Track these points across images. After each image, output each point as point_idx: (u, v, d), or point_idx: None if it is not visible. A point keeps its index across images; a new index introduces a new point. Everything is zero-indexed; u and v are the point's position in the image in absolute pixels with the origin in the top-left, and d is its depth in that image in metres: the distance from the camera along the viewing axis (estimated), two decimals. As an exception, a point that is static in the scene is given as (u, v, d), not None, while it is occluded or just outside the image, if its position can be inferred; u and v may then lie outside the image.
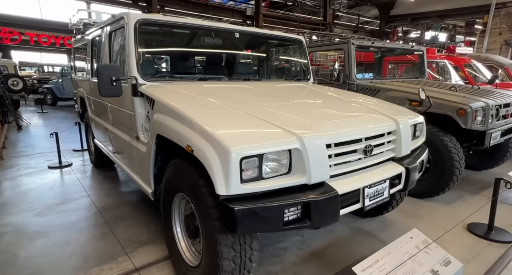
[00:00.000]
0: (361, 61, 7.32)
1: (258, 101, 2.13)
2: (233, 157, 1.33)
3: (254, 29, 2.96)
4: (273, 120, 1.69)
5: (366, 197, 1.84)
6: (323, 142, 1.63)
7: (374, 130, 1.97)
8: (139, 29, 2.25)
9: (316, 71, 6.52)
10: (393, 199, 2.71)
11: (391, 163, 2.14)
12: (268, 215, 1.43)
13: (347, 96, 2.67)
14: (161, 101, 1.87)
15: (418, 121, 2.42)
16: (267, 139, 1.49)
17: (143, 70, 2.23)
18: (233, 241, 1.52)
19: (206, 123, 1.52)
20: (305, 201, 1.54)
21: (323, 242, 2.51)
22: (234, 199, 1.39)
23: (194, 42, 2.70)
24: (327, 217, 1.61)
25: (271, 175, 1.53)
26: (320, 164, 1.61)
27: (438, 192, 3.33)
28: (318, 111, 2.09)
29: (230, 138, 1.40)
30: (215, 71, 2.82)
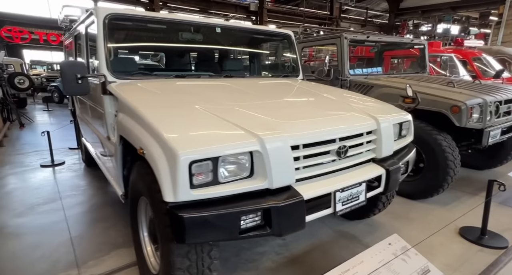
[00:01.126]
0: (362, 57, 7.13)
1: (231, 99, 2.03)
2: (180, 161, 1.24)
3: (236, 24, 2.86)
4: (239, 121, 1.59)
5: (338, 202, 1.73)
6: (287, 144, 1.53)
7: (350, 130, 1.85)
8: (109, 24, 2.17)
9: (317, 68, 6.36)
10: (378, 202, 2.58)
11: (371, 164, 2.02)
12: (222, 223, 1.34)
13: (331, 93, 2.55)
14: (123, 99, 1.79)
15: (404, 119, 2.29)
16: (223, 141, 1.39)
17: (113, 67, 2.15)
18: (187, 250, 1.44)
19: (160, 124, 1.43)
20: (265, 207, 1.44)
21: (304, 246, 2.41)
22: (184, 206, 1.30)
23: (171, 38, 2.61)
24: (291, 224, 1.51)
25: (230, 179, 1.43)
26: (284, 167, 1.51)
27: (431, 193, 3.18)
28: (293, 110, 1.98)
29: (180, 141, 1.31)
30: (195, 68, 2.73)
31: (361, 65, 6.34)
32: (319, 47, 7.33)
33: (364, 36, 3.96)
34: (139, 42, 2.48)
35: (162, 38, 2.60)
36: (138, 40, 2.48)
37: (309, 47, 4.64)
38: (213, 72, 2.75)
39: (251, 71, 3.02)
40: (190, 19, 2.57)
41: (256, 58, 3.19)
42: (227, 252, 2.31)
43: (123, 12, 2.27)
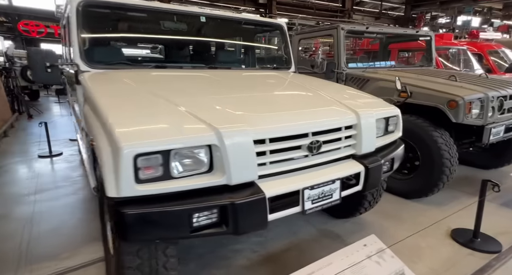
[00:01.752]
0: (367, 50, 6.89)
1: (204, 91, 1.94)
2: (123, 153, 1.17)
3: (222, 13, 2.76)
4: (203, 113, 1.50)
5: (307, 200, 1.63)
6: (249, 138, 1.44)
7: (325, 124, 1.74)
8: (83, 12, 2.11)
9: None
10: (364, 200, 2.47)
11: (350, 161, 1.91)
12: (170, 221, 1.27)
13: (318, 86, 2.42)
14: (87, 89, 1.74)
15: (391, 114, 2.16)
16: (177, 134, 1.31)
17: (87, 57, 2.10)
18: (138, 248, 1.38)
19: (111, 114, 1.36)
20: (221, 205, 1.37)
21: (282, 245, 2.34)
22: (131, 202, 1.23)
23: (152, 27, 2.54)
24: (249, 223, 1.43)
25: (185, 174, 1.36)
26: (244, 163, 1.42)
27: (426, 193, 3.03)
28: (268, 102, 1.88)
29: (127, 132, 1.24)
30: (178, 59, 2.65)
31: (366, 59, 6.13)
32: (324, 39, 7.10)
33: (363, 27, 3.78)
34: (117, 31, 2.42)
35: (142, 27, 2.53)
36: (116, 29, 2.42)
37: (311, 40, 4.48)
38: (197, 63, 2.68)
39: (238, 62, 2.92)
40: (172, 7, 2.48)
41: (245, 49, 3.09)
42: (202, 248, 2.26)
43: (97, 0, 2.21)
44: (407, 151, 3.10)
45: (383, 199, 3.05)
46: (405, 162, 3.15)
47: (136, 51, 2.43)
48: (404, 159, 3.09)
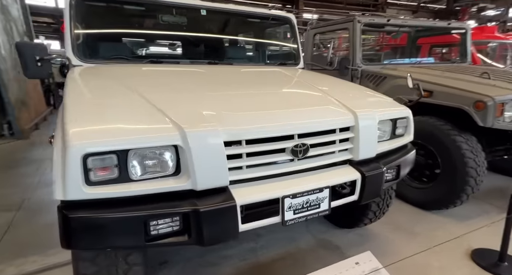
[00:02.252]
0: (395, 45, 6.42)
1: (189, 87, 1.81)
2: (70, 152, 1.08)
3: (224, 6, 2.62)
4: (175, 111, 1.36)
5: (289, 210, 1.46)
6: (218, 139, 1.29)
7: (314, 126, 1.55)
8: (76, 4, 2.09)
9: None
10: (368, 210, 2.23)
11: (346, 167, 1.71)
12: (122, 228, 1.16)
13: (320, 83, 2.20)
14: (66, 85, 1.69)
15: (399, 115, 1.91)
16: (137, 133, 1.21)
17: (78, 51, 2.08)
18: (95, 254, 1.30)
19: (71, 111, 1.29)
20: (183, 212, 1.24)
21: (275, 253, 2.17)
22: (82, 206, 1.14)
23: (149, 21, 2.47)
24: (216, 233, 1.30)
25: (147, 177, 1.25)
26: (212, 166, 1.29)
27: (446, 205, 2.69)
28: (256, 100, 1.71)
29: (80, 131, 1.15)
30: (175, 54, 2.57)
31: (391, 55, 5.71)
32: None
33: (383, 19, 3.45)
34: (111, 25, 2.37)
35: (138, 20, 2.47)
36: (110, 23, 2.37)
37: (334, 34, 4.18)
38: (197, 58, 2.57)
39: (241, 58, 2.78)
40: (169, 0, 2.39)
41: (249, 44, 2.93)
42: (190, 252, 2.16)
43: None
44: (426, 157, 2.79)
45: (396, 208, 2.78)
46: (423, 169, 2.84)
47: (132, 45, 2.37)
48: (422, 166, 2.82)
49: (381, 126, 1.86)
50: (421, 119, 2.76)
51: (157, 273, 1.96)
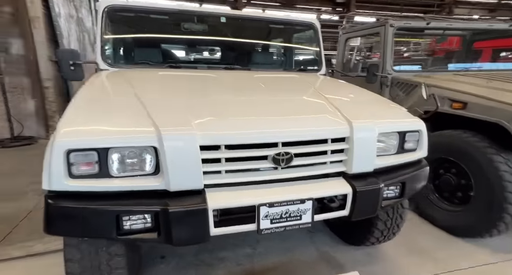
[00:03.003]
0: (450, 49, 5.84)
1: (190, 92, 1.86)
2: (55, 147, 1.21)
3: (244, 13, 2.68)
4: (161, 114, 1.40)
5: (265, 218, 1.44)
6: (194, 143, 1.33)
7: (299, 135, 1.51)
8: (108, 15, 2.31)
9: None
10: (373, 228, 2.06)
11: (338, 180, 1.62)
12: (96, 220, 1.26)
13: (331, 91, 2.12)
14: (82, 87, 1.88)
15: (408, 128, 1.75)
16: (118, 133, 1.30)
17: (107, 56, 2.30)
18: (79, 242, 1.42)
19: (69, 110, 1.44)
20: (153, 210, 1.31)
21: (271, 262, 2.13)
22: (64, 196, 1.26)
23: (174, 28, 2.62)
24: (185, 234, 1.33)
25: (126, 174, 1.34)
26: (186, 168, 1.33)
27: (480, 233, 2.36)
28: (246, 106, 1.68)
29: (68, 128, 1.28)
30: (196, 59, 2.69)
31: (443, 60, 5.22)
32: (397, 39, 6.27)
33: (421, 22, 3.17)
34: (140, 32, 2.58)
35: (164, 28, 2.64)
36: (138, 30, 2.58)
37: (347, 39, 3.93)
38: (214, 63, 2.66)
39: (259, 63, 2.79)
40: (190, 9, 2.52)
41: (268, 50, 2.93)
42: (188, 249, 2.24)
43: (122, 4, 2.38)
44: (459, 176, 2.49)
45: (420, 230, 2.56)
46: (455, 189, 2.54)
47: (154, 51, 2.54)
48: (454, 186, 2.52)
49: (385, 138, 1.73)
50: (452, 133, 2.48)
51: (157, 266, 2.06)
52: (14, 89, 5.68)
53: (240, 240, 2.35)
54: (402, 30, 3.14)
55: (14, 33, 5.48)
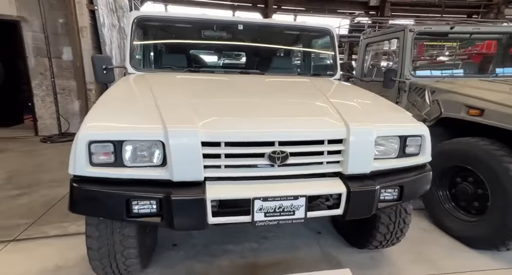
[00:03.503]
0: (486, 54, 5.54)
1: (203, 93, 2.02)
2: (79, 139, 1.43)
3: (260, 20, 2.84)
4: (171, 113, 1.58)
5: (259, 211, 1.55)
6: (195, 139, 1.48)
7: (295, 135, 1.61)
8: (137, 24, 2.58)
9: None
10: (375, 231, 2.07)
11: (334, 180, 1.69)
12: (109, 203, 1.46)
13: (336, 95, 2.20)
14: (110, 88, 2.14)
15: (409, 132, 1.77)
16: (130, 129, 1.50)
17: (134, 61, 2.57)
18: (98, 222, 1.64)
19: (96, 107, 1.67)
20: (157, 197, 1.48)
21: (274, 257, 2.23)
22: (87, 181, 1.47)
23: (195, 36, 2.83)
24: (185, 220, 1.49)
25: (137, 165, 1.53)
26: (188, 162, 1.49)
27: (496, 245, 2.26)
28: (250, 107, 1.80)
29: (92, 123, 1.50)
30: (215, 63, 2.88)
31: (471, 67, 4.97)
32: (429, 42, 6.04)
33: (444, 27, 3.09)
34: (163, 39, 2.82)
35: (184, 36, 2.87)
36: (162, 38, 2.83)
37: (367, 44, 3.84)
38: (231, 68, 2.83)
39: (275, 68, 2.91)
40: (213, 18, 2.72)
41: (283, 55, 3.03)
42: (198, 240, 2.40)
43: (149, 14, 2.65)
44: (475, 186, 2.42)
45: (432, 239, 2.52)
46: (472, 199, 2.46)
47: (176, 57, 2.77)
48: (470, 196, 2.45)
49: (385, 142, 1.77)
50: (469, 140, 2.41)
51: (168, 252, 2.25)
52: (62, 91, 6.34)
53: (248, 236, 2.47)
54: (422, 35, 3.09)
55: (65, 42, 6.13)
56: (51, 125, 6.34)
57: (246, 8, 12.37)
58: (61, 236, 2.45)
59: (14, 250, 2.27)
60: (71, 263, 2.09)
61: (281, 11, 12.43)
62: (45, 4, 5.84)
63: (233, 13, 12.97)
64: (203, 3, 12.84)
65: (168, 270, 2.07)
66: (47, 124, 6.37)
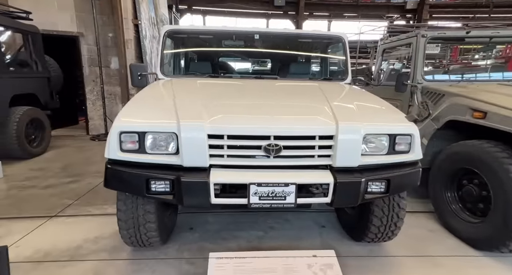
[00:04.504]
0: None
1: (215, 95, 2.31)
2: (113, 129, 1.82)
3: (273, 30, 3.11)
4: (185, 112, 1.88)
5: (254, 195, 1.81)
6: (202, 132, 1.79)
7: (288, 131, 1.85)
8: (167, 36, 3.01)
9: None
10: (369, 224, 2.21)
11: (324, 171, 1.90)
12: (132, 181, 1.82)
13: (336, 97, 2.40)
14: (141, 90, 2.54)
15: (398, 131, 1.93)
16: (152, 122, 1.85)
17: (163, 68, 2.99)
18: (125, 197, 2.01)
19: (127, 106, 2.06)
20: (169, 178, 1.80)
21: (277, 244, 2.45)
22: (118, 163, 1.86)
23: (217, 45, 3.20)
24: (192, 199, 1.79)
25: (156, 152, 1.86)
26: (196, 151, 1.80)
27: (497, 246, 2.27)
28: (254, 108, 2.06)
29: (124, 118, 1.88)
30: (233, 70, 3.21)
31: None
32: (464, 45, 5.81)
33: (459, 32, 3.12)
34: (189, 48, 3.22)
35: (209, 45, 3.24)
36: (188, 47, 3.22)
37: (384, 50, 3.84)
38: (247, 73, 3.14)
39: (287, 73, 3.17)
40: (231, 29, 3.07)
41: (297, 61, 3.26)
42: (213, 226, 2.71)
43: (177, 28, 3.06)
44: (480, 187, 2.45)
45: (435, 238, 2.58)
46: (477, 201, 2.49)
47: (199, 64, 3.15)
48: (475, 197, 2.48)
49: (375, 139, 1.94)
50: (474, 143, 2.45)
51: (184, 234, 2.59)
52: (109, 96, 7.14)
53: (256, 226, 2.73)
54: (436, 39, 3.14)
55: (113, 53, 6.93)
56: (99, 126, 7.16)
57: (278, 16, 12.74)
58: (101, 215, 2.92)
59: (65, 222, 2.77)
60: (106, 236, 2.52)
61: (313, 17, 12.59)
62: (99, 21, 6.68)
63: (267, 22, 13.41)
64: (239, 13, 13.45)
65: (184, 246, 2.40)
66: (96, 124, 7.21)
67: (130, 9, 6.83)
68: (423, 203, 3.26)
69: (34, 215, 2.91)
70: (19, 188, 3.63)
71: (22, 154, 4.75)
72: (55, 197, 3.35)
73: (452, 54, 6.45)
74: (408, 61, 4.13)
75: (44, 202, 3.20)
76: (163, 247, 2.38)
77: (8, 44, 4.89)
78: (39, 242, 2.43)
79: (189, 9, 13.38)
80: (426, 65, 5.08)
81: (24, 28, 5.04)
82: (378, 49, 3.95)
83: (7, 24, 4.76)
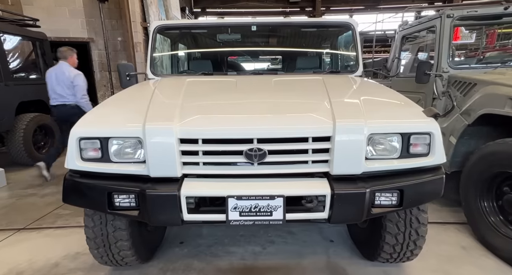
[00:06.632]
0: None
1: (201, 94, 2.04)
2: (70, 135, 1.57)
3: (272, 21, 2.78)
4: (156, 112, 1.63)
5: (234, 210, 1.50)
6: (171, 136, 1.51)
7: (274, 132, 1.52)
8: (157, 32, 2.77)
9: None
10: (381, 242, 1.81)
11: (319, 180, 1.55)
12: (93, 195, 1.56)
13: (339, 91, 2.02)
14: (121, 91, 2.31)
15: (414, 129, 1.55)
16: (116, 126, 1.59)
17: (153, 67, 2.75)
18: (92, 213, 1.76)
19: (97, 106, 1.83)
20: (135, 191, 1.53)
21: (275, 263, 2.12)
22: (79, 174, 1.60)
23: (210, 40, 2.91)
24: (160, 215, 1.51)
25: (122, 160, 1.60)
26: (164, 158, 1.52)
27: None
28: (237, 106, 1.73)
29: (86, 120, 1.64)
30: (224, 67, 2.92)
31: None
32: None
33: (496, 8, 2.60)
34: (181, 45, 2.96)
35: (202, 41, 2.96)
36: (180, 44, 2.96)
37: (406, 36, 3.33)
38: (243, 69, 2.83)
39: (289, 67, 2.83)
40: (225, 22, 2.78)
41: (300, 54, 2.90)
42: (205, 240, 2.42)
43: (167, 23, 2.82)
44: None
45: (471, 259, 2.14)
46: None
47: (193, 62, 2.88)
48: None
49: (383, 140, 1.57)
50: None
51: (173, 249, 2.32)
52: (121, 100, 7.12)
53: (255, 240, 2.41)
54: (465, 19, 2.66)
55: (123, 56, 6.90)
56: (111, 131, 7.15)
57: (295, 13, 12.31)
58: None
59: (51, 234, 2.62)
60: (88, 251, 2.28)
61: (331, 12, 12.05)
62: (108, 26, 6.68)
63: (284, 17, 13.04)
64: (254, 12, 13.18)
65: (170, 264, 2.13)
66: (109, 130, 7.21)
67: (139, 12, 6.77)
68: (455, 212, 2.80)
69: (23, 226, 2.77)
70: (18, 196, 3.56)
71: (30, 161, 4.74)
72: (51, 206, 3.22)
73: (488, 40, 5.71)
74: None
75: (37, 212, 3.07)
76: (146, 265, 2.12)
77: (16, 51, 4.93)
78: (15, 260, 2.25)
79: (203, 11, 13.29)
80: (457, 55, 4.52)
81: (31, 35, 5.06)
82: (396, 36, 3.49)
83: (14, 32, 4.79)
